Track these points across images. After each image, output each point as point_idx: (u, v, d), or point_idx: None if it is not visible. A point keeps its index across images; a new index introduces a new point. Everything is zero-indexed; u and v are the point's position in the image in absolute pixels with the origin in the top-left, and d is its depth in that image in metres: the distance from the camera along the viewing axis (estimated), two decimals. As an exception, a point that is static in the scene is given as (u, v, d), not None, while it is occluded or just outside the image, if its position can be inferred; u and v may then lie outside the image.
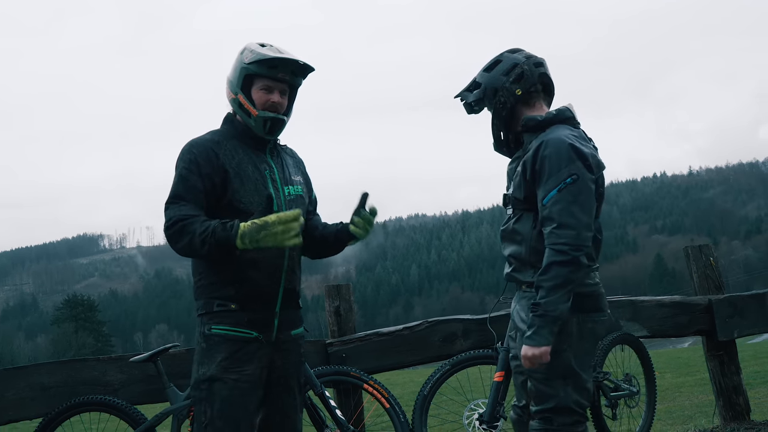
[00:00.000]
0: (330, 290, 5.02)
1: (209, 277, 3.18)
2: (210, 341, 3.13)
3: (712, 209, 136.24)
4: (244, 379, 3.10)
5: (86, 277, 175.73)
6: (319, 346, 4.82)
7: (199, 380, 3.13)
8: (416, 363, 5.13)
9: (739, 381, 5.58)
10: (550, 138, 3.13)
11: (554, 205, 3.04)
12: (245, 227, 2.99)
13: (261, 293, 3.17)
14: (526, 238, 3.21)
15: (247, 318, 3.14)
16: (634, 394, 4.98)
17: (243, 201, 3.14)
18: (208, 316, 3.16)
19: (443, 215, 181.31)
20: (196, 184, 3.11)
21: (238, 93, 3.22)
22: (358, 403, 4.71)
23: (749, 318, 5.62)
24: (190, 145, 3.20)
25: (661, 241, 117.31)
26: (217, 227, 3.00)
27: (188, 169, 3.13)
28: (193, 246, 3.03)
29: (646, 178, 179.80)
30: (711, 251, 5.82)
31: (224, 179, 3.14)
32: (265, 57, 3.16)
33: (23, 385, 4.27)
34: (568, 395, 3.12)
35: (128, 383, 4.39)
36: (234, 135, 3.26)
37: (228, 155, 3.18)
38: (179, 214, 3.06)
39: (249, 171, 3.20)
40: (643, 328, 5.36)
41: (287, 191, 3.28)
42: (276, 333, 3.20)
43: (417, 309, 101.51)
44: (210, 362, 3.11)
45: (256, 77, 3.20)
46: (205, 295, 3.18)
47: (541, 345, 3.01)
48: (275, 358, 3.20)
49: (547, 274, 3.01)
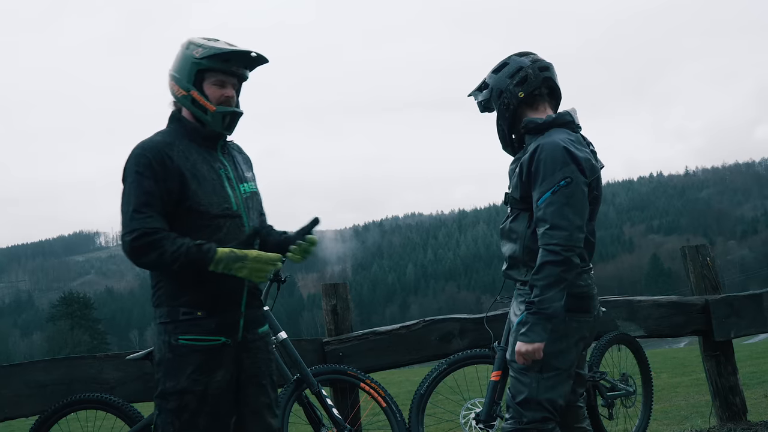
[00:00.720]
0: (327, 289, 5.01)
1: (172, 283, 3.08)
2: (177, 352, 3.04)
3: (708, 209, 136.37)
4: (214, 386, 3.05)
5: (82, 275, 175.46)
6: (316, 344, 4.82)
7: (167, 392, 3.05)
8: (413, 362, 5.13)
9: (736, 381, 5.59)
10: (546, 141, 3.24)
11: (548, 207, 3.15)
12: (222, 253, 2.97)
13: (227, 295, 3.11)
14: (521, 237, 3.33)
15: (215, 324, 3.07)
16: (630, 394, 4.99)
17: (202, 203, 3.06)
18: (173, 325, 3.06)
19: (440, 214, 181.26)
20: (154, 190, 3.01)
21: (191, 89, 3.11)
22: (355, 402, 4.71)
23: (746, 318, 5.63)
24: (141, 149, 3.08)
25: (657, 240, 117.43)
26: (191, 248, 2.96)
27: (144, 175, 3.01)
28: (161, 262, 2.97)
29: (643, 177, 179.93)
30: (708, 251, 5.83)
31: (181, 183, 3.04)
32: (219, 51, 3.09)
33: (19, 382, 4.26)
34: (540, 389, 3.23)
35: (125, 381, 4.39)
36: (184, 134, 3.16)
37: (182, 157, 3.08)
38: (146, 226, 2.97)
39: (205, 172, 3.11)
40: (640, 328, 5.37)
41: (242, 189, 3.22)
42: (242, 333, 3.15)
43: (413, 308, 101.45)
44: (179, 374, 3.03)
45: (208, 72, 3.11)
46: (168, 303, 3.08)
47: (535, 341, 3.14)
48: (243, 358, 3.16)
49: (540, 273, 3.14)
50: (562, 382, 3.26)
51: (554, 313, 3.13)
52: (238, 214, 3.16)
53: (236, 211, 3.15)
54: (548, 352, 3.18)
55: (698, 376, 9.93)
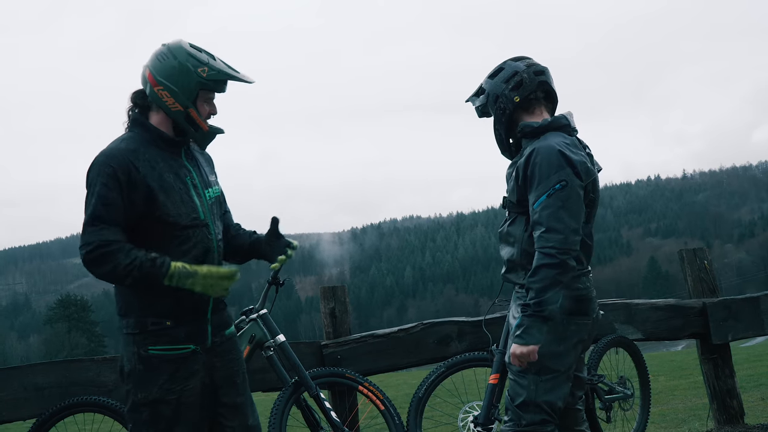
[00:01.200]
0: (325, 292, 5.02)
1: (138, 293, 3.02)
2: (148, 363, 2.99)
3: (705, 212, 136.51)
4: (188, 394, 3.02)
5: (79, 277, 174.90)
6: (314, 347, 4.82)
7: (138, 403, 3.00)
8: (411, 365, 5.13)
9: (734, 384, 5.60)
10: (542, 145, 3.26)
11: (543, 210, 3.17)
12: (175, 268, 2.92)
13: (193, 303, 3.06)
14: (518, 240, 3.35)
15: (184, 332, 3.03)
16: (628, 397, 5.00)
17: (171, 214, 3.00)
18: (142, 336, 3.00)
19: (438, 217, 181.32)
20: (116, 201, 2.93)
21: (190, 107, 3.05)
22: (353, 405, 4.71)
23: (743, 321, 5.64)
24: (106, 157, 2.98)
25: (654, 243, 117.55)
26: (144, 262, 2.90)
27: (107, 186, 2.92)
28: (115, 275, 2.92)
29: (640, 180, 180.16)
30: (705, 254, 5.84)
31: (147, 194, 2.96)
32: (228, 77, 3.07)
33: (17, 385, 4.25)
34: (538, 391, 3.24)
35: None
36: (148, 140, 3.07)
37: (147, 166, 3.00)
38: (100, 238, 2.89)
39: (171, 181, 3.04)
40: (638, 331, 5.37)
41: (208, 195, 3.17)
42: (211, 338, 3.12)
43: (411, 311, 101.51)
44: (151, 385, 2.99)
45: (203, 90, 3.07)
46: (136, 313, 3.02)
47: (530, 343, 3.16)
48: (214, 362, 3.12)
49: (536, 276, 3.16)
50: (560, 384, 3.27)
51: (550, 316, 3.15)
52: (205, 223, 3.10)
53: (203, 219, 3.10)
54: (547, 355, 3.19)
55: (696, 379, 9.94)
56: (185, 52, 3.06)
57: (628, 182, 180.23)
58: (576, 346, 3.31)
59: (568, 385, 3.31)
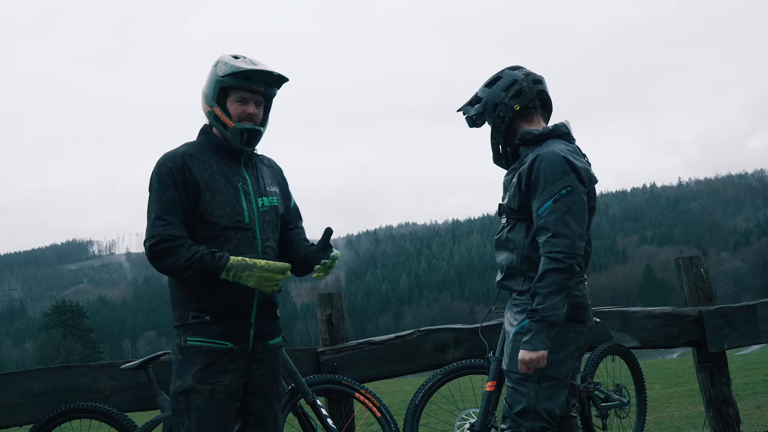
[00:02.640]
0: (322, 299, 5.02)
1: (185, 289, 3.21)
2: (186, 353, 3.16)
3: (701, 220, 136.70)
4: (220, 390, 3.12)
5: (75, 283, 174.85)
6: (311, 354, 4.81)
7: (176, 392, 3.16)
8: (408, 372, 5.13)
9: (729, 392, 5.60)
10: (546, 152, 3.27)
11: (549, 215, 3.18)
12: (234, 261, 3.09)
13: (235, 305, 3.20)
14: (518, 246, 3.34)
15: (222, 329, 3.16)
16: (624, 405, 4.99)
17: (214, 214, 3.17)
18: (184, 328, 3.19)
19: (433, 224, 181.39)
20: (174, 198, 3.15)
21: (214, 106, 3.25)
22: (350, 412, 4.71)
23: (739, 329, 5.65)
24: (164, 159, 3.23)
25: (650, 251, 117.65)
26: (205, 255, 3.08)
27: (165, 184, 3.16)
28: (177, 268, 3.10)
29: (636, 188, 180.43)
30: (702, 263, 5.85)
31: (196, 192, 3.17)
32: (239, 69, 3.19)
33: (13, 391, 4.25)
34: (538, 399, 3.25)
35: (119, 390, 4.38)
36: (208, 147, 3.29)
37: (200, 168, 3.21)
38: (165, 233, 3.10)
39: (221, 184, 3.22)
40: (634, 339, 5.38)
41: (261, 203, 3.30)
42: (252, 343, 3.23)
43: (407, 318, 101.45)
44: (186, 374, 3.14)
45: (231, 89, 3.23)
46: (181, 307, 3.21)
47: (539, 349, 3.15)
48: (252, 368, 3.23)
49: (543, 281, 3.15)
50: (559, 391, 3.28)
51: (557, 321, 3.15)
52: (250, 227, 3.24)
53: (248, 224, 3.24)
54: (547, 362, 3.20)
55: (691, 387, 9.95)
56: (217, 60, 3.28)
57: (623, 190, 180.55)
58: (573, 354, 3.33)
59: (566, 393, 3.32)
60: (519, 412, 3.26)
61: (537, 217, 3.22)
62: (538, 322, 3.14)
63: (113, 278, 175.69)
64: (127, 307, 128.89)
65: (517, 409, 3.26)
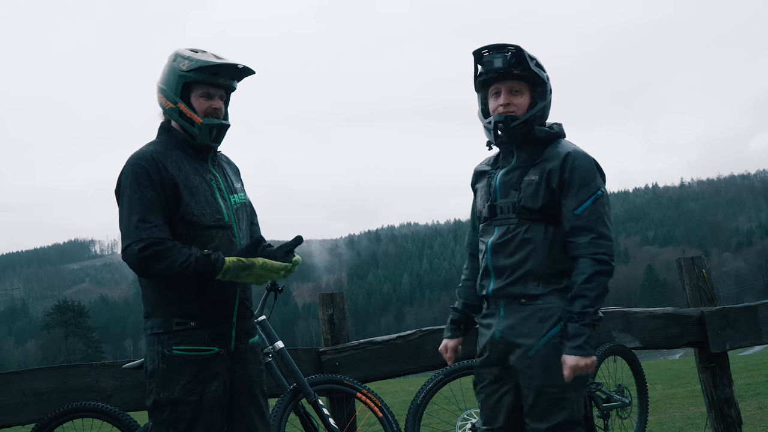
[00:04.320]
0: (324, 299, 5.01)
1: (165, 295, 3.11)
2: (171, 363, 3.06)
3: (703, 221, 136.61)
4: (209, 397, 3.08)
5: (77, 283, 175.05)
6: (313, 354, 4.81)
7: (160, 403, 3.06)
8: (409, 372, 5.12)
9: (731, 393, 5.59)
10: (576, 150, 3.18)
11: (591, 216, 3.09)
12: (230, 263, 3.03)
13: (219, 306, 3.14)
14: (538, 248, 3.15)
15: (208, 334, 3.10)
16: (626, 405, 4.99)
17: (196, 214, 3.09)
18: (167, 336, 3.08)
19: (435, 224, 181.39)
20: (154, 198, 3.03)
21: (178, 101, 3.13)
22: (351, 412, 4.70)
23: (741, 330, 5.64)
24: (136, 159, 3.11)
25: (652, 252, 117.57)
26: (200, 258, 3.00)
27: (142, 184, 3.04)
28: (170, 272, 3.00)
29: (638, 189, 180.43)
30: (704, 263, 5.84)
31: (175, 193, 3.07)
32: (206, 64, 3.11)
33: (15, 390, 4.25)
34: (579, 408, 3.12)
35: (121, 390, 4.38)
36: (175, 145, 3.19)
37: (175, 167, 3.11)
38: (152, 236, 2.99)
39: (197, 182, 3.14)
40: (636, 340, 5.37)
41: (233, 200, 3.25)
42: (235, 343, 3.18)
43: (408, 318, 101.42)
44: (173, 385, 3.05)
45: (195, 84, 3.14)
46: (162, 314, 3.10)
47: (591, 355, 3.02)
48: (236, 368, 3.19)
49: (591, 283, 3.03)
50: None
51: (600, 324, 3.07)
52: (228, 225, 3.19)
53: (227, 222, 3.18)
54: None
55: (693, 388, 9.93)
56: (175, 53, 3.18)
57: (625, 190, 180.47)
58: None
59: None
60: (560, 423, 3.07)
61: (574, 217, 3.09)
62: (588, 326, 3.01)
63: (115, 278, 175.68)
64: (129, 306, 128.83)
65: (558, 420, 3.07)
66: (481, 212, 3.34)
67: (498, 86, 3.21)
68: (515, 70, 3.16)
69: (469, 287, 3.49)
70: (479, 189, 3.41)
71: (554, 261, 3.14)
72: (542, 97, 3.20)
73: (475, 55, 3.25)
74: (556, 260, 3.14)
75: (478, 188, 3.43)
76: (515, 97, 3.19)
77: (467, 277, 3.52)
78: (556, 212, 3.15)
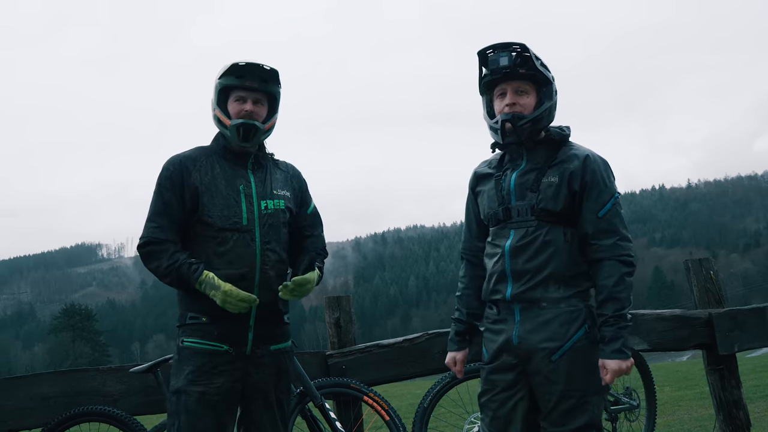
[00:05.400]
0: (330, 302, 5.01)
1: (185, 292, 3.24)
2: (182, 354, 3.20)
3: (710, 222, 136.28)
4: (212, 392, 3.11)
5: (84, 287, 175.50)
6: (319, 357, 4.81)
7: (171, 392, 3.19)
8: (416, 375, 5.11)
9: (740, 395, 5.58)
10: (593, 153, 3.18)
11: (613, 218, 3.08)
12: (205, 277, 3.13)
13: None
14: (559, 250, 3.11)
15: (218, 331, 3.17)
16: (634, 408, 4.98)
17: (211, 215, 3.20)
18: (182, 329, 3.23)
19: (441, 226, 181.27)
20: (170, 200, 3.22)
21: (216, 108, 3.30)
22: (358, 415, 4.70)
23: (749, 332, 5.62)
24: (167, 163, 3.31)
25: (659, 253, 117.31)
26: (183, 265, 3.14)
27: (164, 187, 3.25)
28: (158, 273, 3.19)
29: (645, 190, 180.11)
30: (711, 265, 5.82)
31: (194, 196, 3.22)
32: (230, 66, 3.26)
33: (23, 394, 4.26)
34: (599, 412, 3.10)
35: (128, 394, 4.38)
36: (216, 151, 3.34)
37: (202, 171, 3.26)
38: (152, 235, 3.20)
39: (221, 186, 3.25)
40: (644, 342, 5.35)
41: (264, 205, 3.28)
42: (252, 347, 3.21)
43: (415, 320, 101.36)
44: (179, 375, 3.17)
45: (230, 90, 3.29)
46: (182, 308, 3.26)
47: (630, 357, 3.00)
48: (251, 372, 3.21)
49: (621, 286, 3.01)
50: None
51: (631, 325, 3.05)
52: (248, 229, 3.23)
53: (246, 225, 3.23)
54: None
55: (702, 390, 9.91)
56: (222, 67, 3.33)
57: (632, 192, 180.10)
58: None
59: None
60: (580, 427, 3.03)
61: (598, 220, 3.06)
62: (624, 328, 2.99)
63: (122, 281, 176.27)
64: (136, 310, 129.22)
65: (578, 424, 3.03)
66: (490, 215, 3.28)
67: (503, 87, 3.18)
68: (521, 69, 3.13)
69: (470, 295, 3.42)
70: (485, 192, 3.34)
71: (574, 263, 3.11)
72: (549, 97, 3.17)
73: (480, 55, 3.22)
74: (576, 262, 3.11)
75: (481, 191, 3.37)
76: (521, 97, 3.16)
77: (466, 286, 3.45)
78: (573, 214, 3.12)
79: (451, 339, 3.46)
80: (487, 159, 3.42)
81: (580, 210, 3.11)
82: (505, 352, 3.16)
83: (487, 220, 3.31)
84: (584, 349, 3.05)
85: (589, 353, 3.05)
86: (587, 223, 3.09)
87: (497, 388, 3.18)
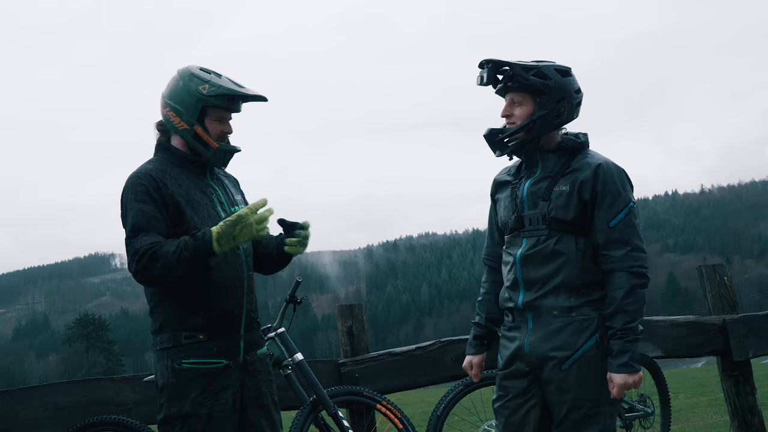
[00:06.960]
0: (343, 310, 5.01)
1: (172, 309, 3.13)
2: (181, 376, 3.08)
3: (724, 227, 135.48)
4: (219, 410, 3.09)
5: (98, 296, 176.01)
6: (332, 366, 4.81)
7: (171, 417, 3.08)
8: (429, 383, 5.11)
9: (755, 401, 5.54)
10: (607, 162, 3.14)
11: (626, 228, 3.05)
12: (219, 229, 2.98)
13: (226, 318, 3.16)
14: (571, 260, 3.09)
15: (216, 347, 3.12)
16: (648, 415, 4.96)
17: (199, 227, 3.09)
18: (176, 350, 3.10)
19: (454, 234, 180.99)
20: (153, 213, 3.05)
21: (195, 124, 3.15)
22: (371, 424, 4.70)
23: (764, 338, 5.59)
24: (136, 177, 3.13)
25: (673, 259, 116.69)
26: (188, 240, 2.98)
27: (142, 201, 3.06)
28: (167, 267, 2.97)
29: (658, 196, 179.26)
30: (725, 270, 5.79)
31: (176, 209, 3.10)
32: (229, 92, 3.15)
33: (37, 404, 4.27)
34: (612, 422, 3.08)
35: (142, 403, 4.39)
36: (174, 162, 3.21)
37: (175, 184, 3.13)
38: (144, 243, 2.99)
39: (198, 197, 3.18)
40: (657, 348, 5.33)
41: (233, 211, 3.25)
42: (243, 355, 3.20)
43: (428, 328, 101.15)
44: (183, 399, 3.07)
45: (211, 108, 3.16)
46: (171, 328, 3.12)
47: (638, 371, 2.99)
48: (245, 380, 3.20)
49: (630, 298, 2.99)
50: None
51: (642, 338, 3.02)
52: None
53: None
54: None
55: (716, 396, 9.84)
56: (189, 73, 3.19)
57: (645, 197, 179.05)
58: None
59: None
60: None
61: (609, 230, 3.04)
62: (632, 342, 2.97)
63: (136, 291, 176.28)
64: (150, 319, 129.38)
65: None
66: (505, 223, 3.28)
67: (506, 97, 3.23)
68: (509, 83, 3.16)
69: (490, 300, 3.44)
70: (502, 199, 3.35)
71: (586, 272, 3.09)
72: (543, 106, 3.13)
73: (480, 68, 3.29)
74: (588, 271, 3.09)
75: (499, 198, 3.38)
76: (515, 108, 3.19)
77: (487, 291, 3.46)
78: (585, 223, 3.10)
79: (469, 343, 3.49)
80: (507, 166, 3.42)
81: (592, 219, 3.09)
82: (518, 359, 3.18)
83: (503, 228, 3.32)
84: (595, 358, 3.05)
85: (601, 363, 3.04)
86: (599, 233, 3.07)
87: (510, 394, 3.20)
